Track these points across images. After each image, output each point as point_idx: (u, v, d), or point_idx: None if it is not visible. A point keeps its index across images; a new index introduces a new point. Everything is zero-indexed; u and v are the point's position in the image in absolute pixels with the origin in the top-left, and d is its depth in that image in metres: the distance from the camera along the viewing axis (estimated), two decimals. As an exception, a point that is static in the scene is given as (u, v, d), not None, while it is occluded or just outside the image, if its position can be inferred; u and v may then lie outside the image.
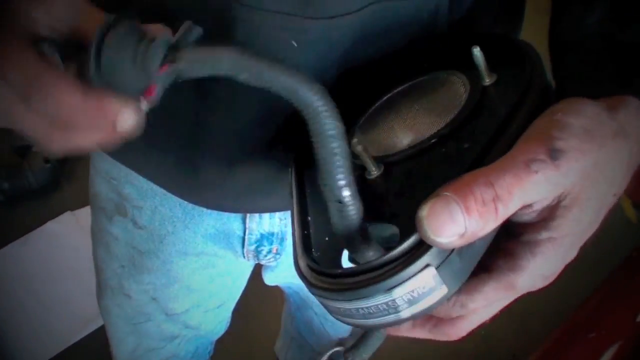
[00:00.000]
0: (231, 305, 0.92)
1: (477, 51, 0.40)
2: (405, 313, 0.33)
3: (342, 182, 0.34)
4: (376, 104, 0.49)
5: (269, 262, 0.78)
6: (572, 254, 0.34)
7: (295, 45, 0.46)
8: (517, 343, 1.52)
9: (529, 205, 0.32)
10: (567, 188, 0.32)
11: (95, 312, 0.88)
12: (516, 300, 0.37)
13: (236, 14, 0.45)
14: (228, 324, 0.96)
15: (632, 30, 0.41)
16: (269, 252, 0.74)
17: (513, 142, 0.34)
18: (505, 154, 0.32)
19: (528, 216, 0.33)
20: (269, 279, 0.85)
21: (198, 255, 0.74)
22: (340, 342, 0.49)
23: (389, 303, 0.33)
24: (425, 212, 0.30)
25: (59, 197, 1.96)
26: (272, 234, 0.71)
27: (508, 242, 0.34)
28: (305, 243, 0.41)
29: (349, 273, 0.34)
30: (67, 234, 1.85)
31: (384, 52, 0.50)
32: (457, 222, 0.29)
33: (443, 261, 0.32)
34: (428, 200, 0.30)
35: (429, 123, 0.43)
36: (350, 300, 0.34)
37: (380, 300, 0.33)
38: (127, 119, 0.33)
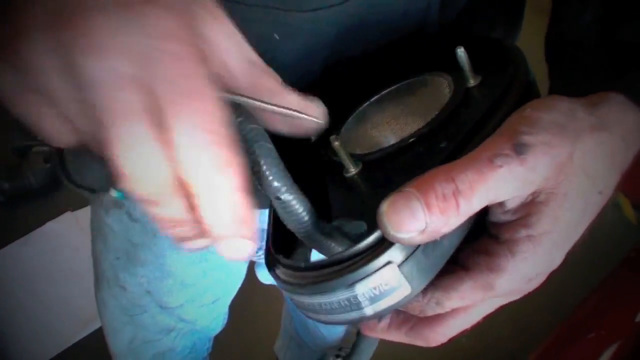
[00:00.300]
0: (227, 301, 0.91)
1: (461, 52, 0.40)
2: (368, 310, 0.33)
3: (276, 183, 0.33)
4: (363, 105, 0.49)
5: (260, 258, 0.78)
6: (556, 257, 0.33)
7: (278, 38, 0.45)
8: (515, 343, 1.52)
9: (502, 204, 0.32)
10: (539, 184, 0.31)
11: (94, 312, 0.88)
12: (511, 304, 0.36)
13: None
14: (225, 321, 0.95)
15: (627, 29, 0.41)
16: (260, 248, 0.73)
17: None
18: (471, 153, 0.31)
19: (504, 216, 0.33)
20: (262, 276, 0.85)
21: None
22: (340, 348, 0.48)
23: (351, 299, 0.32)
24: (385, 207, 0.30)
25: (59, 197, 1.97)
26: (263, 231, 0.71)
27: (488, 242, 0.33)
28: (275, 237, 0.42)
29: (312, 267, 0.34)
30: (67, 234, 1.86)
31: (370, 47, 0.49)
32: (417, 217, 0.29)
33: (406, 259, 0.32)
34: (389, 196, 0.30)
35: (411, 123, 0.43)
36: (313, 294, 0.34)
37: (342, 295, 0.33)
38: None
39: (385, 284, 0.32)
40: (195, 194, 0.26)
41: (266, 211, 0.68)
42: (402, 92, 0.49)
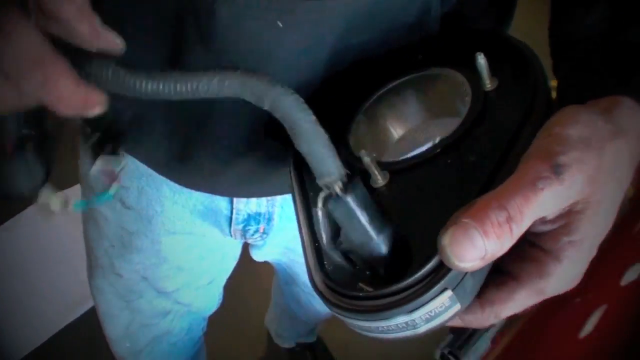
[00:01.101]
0: (222, 281, 0.92)
1: (481, 58, 0.40)
2: (422, 329, 0.35)
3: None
4: (371, 99, 0.49)
5: (256, 241, 0.78)
6: (593, 252, 0.35)
7: (281, 25, 0.45)
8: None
9: (543, 218, 0.34)
10: (576, 197, 0.33)
11: (84, 295, 0.88)
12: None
13: None
14: (220, 300, 0.96)
15: (632, 31, 0.41)
16: (256, 231, 0.74)
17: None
18: (512, 175, 0.33)
19: (545, 227, 0.35)
20: (257, 255, 0.85)
21: (187, 234, 0.74)
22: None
23: (409, 322, 0.35)
24: (447, 240, 0.31)
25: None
26: (259, 214, 0.71)
27: (534, 250, 0.36)
28: (319, 257, 0.41)
29: (373, 297, 0.35)
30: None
31: (376, 40, 0.49)
32: (477, 246, 0.31)
33: (459, 283, 0.34)
34: (448, 228, 0.32)
35: (431, 126, 0.43)
36: (370, 320, 0.36)
37: (400, 320, 0.35)
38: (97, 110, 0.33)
39: (440, 306, 0.34)
40: None
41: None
42: (413, 87, 0.48)
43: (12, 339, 1.64)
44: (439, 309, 0.34)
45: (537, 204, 0.32)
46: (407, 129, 0.50)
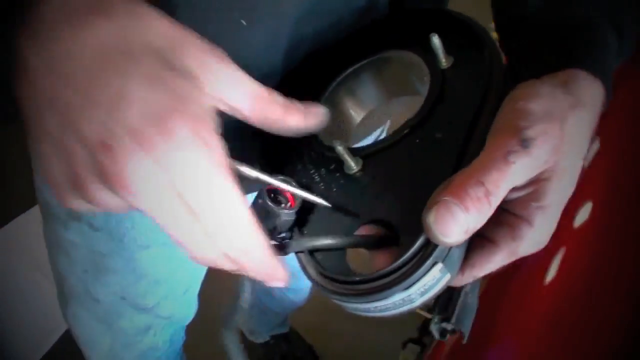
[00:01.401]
0: (196, 288, 0.91)
1: (435, 38, 0.42)
2: (418, 302, 0.38)
3: None
4: (330, 87, 0.49)
5: None
6: (558, 217, 0.38)
7: (245, 24, 0.45)
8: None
9: (514, 188, 0.36)
10: (543, 166, 0.36)
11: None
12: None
13: None
14: (196, 308, 0.95)
15: (575, 7, 0.43)
16: None
17: (486, 132, 0.37)
18: (483, 151, 0.36)
19: (516, 194, 0.37)
20: None
21: (160, 245, 0.72)
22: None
23: (405, 298, 0.37)
24: (432, 218, 0.34)
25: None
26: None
27: (507, 216, 0.38)
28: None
29: (365, 280, 0.37)
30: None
31: (329, 27, 0.50)
32: (460, 222, 0.34)
33: (446, 255, 0.37)
34: (431, 207, 0.34)
35: (389, 106, 0.45)
36: (369, 302, 0.37)
37: (397, 297, 0.37)
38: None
39: (432, 279, 0.37)
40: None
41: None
42: (370, 71, 0.49)
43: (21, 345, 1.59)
44: (431, 282, 0.37)
45: (509, 176, 0.34)
46: (368, 112, 0.51)
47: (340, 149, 0.42)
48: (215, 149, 0.30)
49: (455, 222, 0.33)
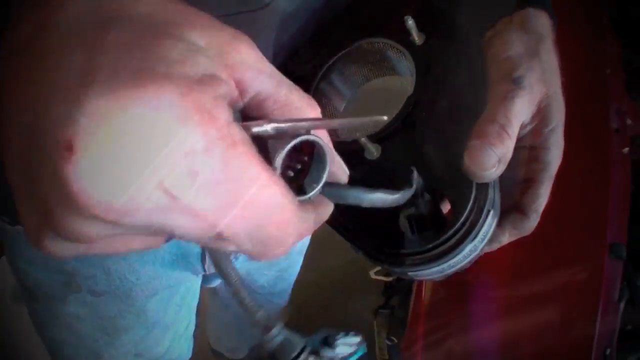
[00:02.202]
0: (193, 321, 0.90)
1: (409, 19, 0.46)
2: (480, 249, 0.43)
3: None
4: (314, 84, 0.51)
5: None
6: (563, 136, 0.45)
7: None
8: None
9: (523, 124, 0.42)
10: (537, 97, 0.42)
11: None
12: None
13: None
14: (193, 341, 0.94)
15: None
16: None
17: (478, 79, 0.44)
18: (488, 103, 0.42)
19: (527, 129, 0.43)
20: (213, 281, 0.84)
21: (166, 288, 0.71)
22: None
23: (472, 248, 0.42)
24: (468, 161, 0.40)
25: None
26: None
27: (529, 153, 0.45)
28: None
29: (442, 242, 0.42)
30: None
31: (304, 29, 0.51)
32: (490, 155, 0.40)
33: (493, 202, 0.43)
34: (464, 154, 0.40)
35: (392, 90, 0.48)
36: (445, 262, 0.42)
37: (467, 250, 0.42)
38: None
39: (489, 225, 0.43)
40: None
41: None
42: (347, 62, 0.51)
43: None
44: (488, 227, 0.43)
45: (516, 110, 0.41)
46: (348, 99, 0.54)
47: (363, 140, 0.45)
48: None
49: (487, 156, 0.40)
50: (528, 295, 0.90)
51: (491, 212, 0.42)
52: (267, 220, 0.24)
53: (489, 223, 0.43)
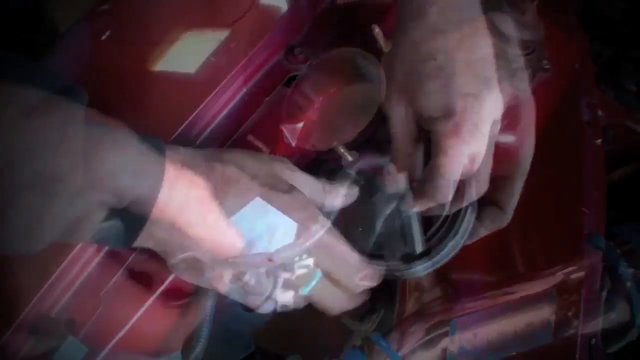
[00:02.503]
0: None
1: (376, 27, 0.49)
2: (461, 244, 0.49)
3: None
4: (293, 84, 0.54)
5: None
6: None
7: None
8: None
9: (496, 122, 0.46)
10: (506, 97, 0.45)
11: None
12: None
13: None
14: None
15: None
16: None
17: None
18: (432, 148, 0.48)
19: (498, 127, 0.47)
20: None
21: None
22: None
23: (454, 245, 0.49)
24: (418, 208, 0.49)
25: None
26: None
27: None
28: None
29: (437, 241, 0.48)
30: None
31: None
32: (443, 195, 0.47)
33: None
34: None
35: (361, 97, 0.52)
36: (430, 259, 0.49)
37: (449, 246, 0.48)
38: None
39: (467, 221, 0.49)
40: None
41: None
42: (317, 72, 0.52)
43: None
44: (467, 223, 0.49)
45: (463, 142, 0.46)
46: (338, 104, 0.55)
47: (340, 149, 0.50)
48: None
49: (441, 195, 0.45)
50: (510, 291, 0.91)
51: (469, 209, 0.47)
52: None
53: (468, 219, 0.47)
